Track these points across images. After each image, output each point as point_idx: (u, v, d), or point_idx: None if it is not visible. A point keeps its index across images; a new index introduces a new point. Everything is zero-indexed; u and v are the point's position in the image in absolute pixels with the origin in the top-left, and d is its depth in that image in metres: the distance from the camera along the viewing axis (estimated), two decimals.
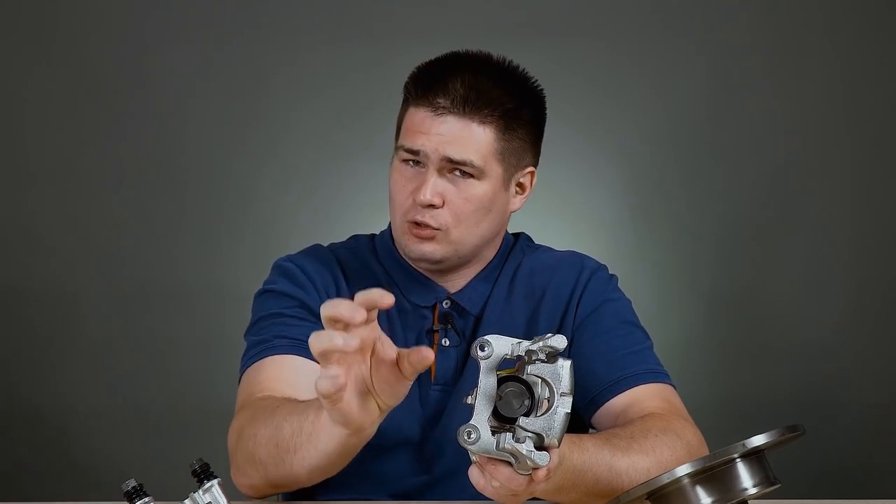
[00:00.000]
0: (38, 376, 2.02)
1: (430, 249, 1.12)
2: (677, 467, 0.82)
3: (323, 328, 0.80)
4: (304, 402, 0.95)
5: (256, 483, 1.00)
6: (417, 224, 1.11)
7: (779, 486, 0.84)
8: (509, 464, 0.82)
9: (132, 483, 0.79)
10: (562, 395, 0.83)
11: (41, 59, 2.02)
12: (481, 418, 0.82)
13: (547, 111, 1.20)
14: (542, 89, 1.16)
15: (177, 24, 2.04)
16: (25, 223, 2.05)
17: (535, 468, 0.80)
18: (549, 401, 0.83)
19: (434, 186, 1.08)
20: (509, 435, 0.81)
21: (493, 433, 0.82)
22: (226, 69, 2.04)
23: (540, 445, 0.82)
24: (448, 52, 1.15)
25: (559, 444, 0.81)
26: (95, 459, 1.94)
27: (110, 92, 2.05)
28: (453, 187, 1.10)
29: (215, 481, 0.81)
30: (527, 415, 0.82)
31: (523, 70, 1.15)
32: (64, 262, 2.04)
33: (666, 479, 0.82)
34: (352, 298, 0.78)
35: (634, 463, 0.96)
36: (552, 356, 0.83)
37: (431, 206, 1.09)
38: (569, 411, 0.83)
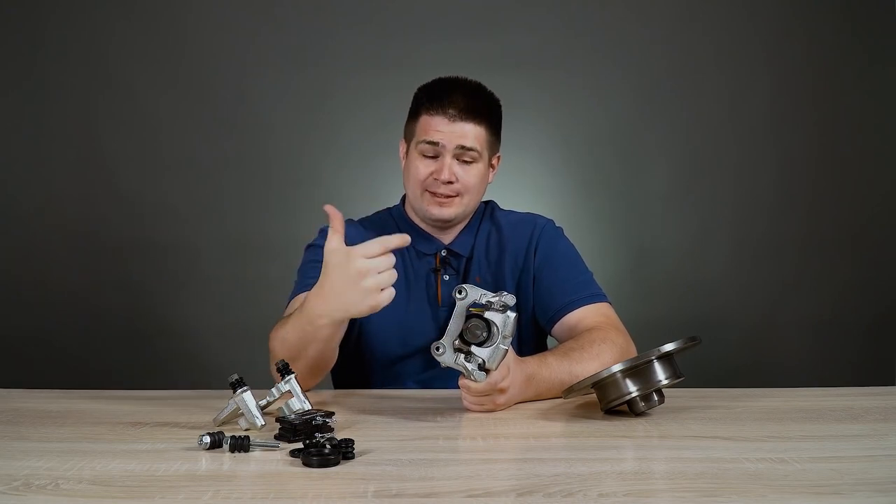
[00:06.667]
0: (171, 302, 2.72)
1: (447, 212, 1.44)
2: (613, 365, 1.08)
3: None
4: (294, 314, 1.21)
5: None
6: (438, 194, 1.42)
7: (683, 378, 1.10)
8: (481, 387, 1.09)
9: (235, 376, 1.01)
10: (504, 337, 1.09)
11: (173, 81, 2.71)
12: (450, 339, 1.09)
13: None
14: (500, 101, 1.50)
15: (265, 57, 2.73)
16: (162, 199, 2.72)
17: (475, 381, 1.09)
18: (494, 339, 1.09)
19: (451, 167, 1.40)
20: (463, 355, 1.09)
21: (455, 351, 1.10)
22: (299, 92, 2.73)
23: (483, 368, 1.10)
24: (440, 77, 1.46)
25: (496, 369, 1.10)
26: (207, 360, 2.63)
27: (219, 106, 2.73)
28: (461, 169, 1.41)
29: (292, 376, 1.04)
30: (480, 345, 1.09)
31: (489, 89, 1.47)
32: (189, 226, 2.72)
33: (605, 374, 1.08)
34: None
35: (586, 367, 1.24)
36: (504, 308, 1.09)
37: (449, 182, 1.41)
38: (507, 349, 1.10)
